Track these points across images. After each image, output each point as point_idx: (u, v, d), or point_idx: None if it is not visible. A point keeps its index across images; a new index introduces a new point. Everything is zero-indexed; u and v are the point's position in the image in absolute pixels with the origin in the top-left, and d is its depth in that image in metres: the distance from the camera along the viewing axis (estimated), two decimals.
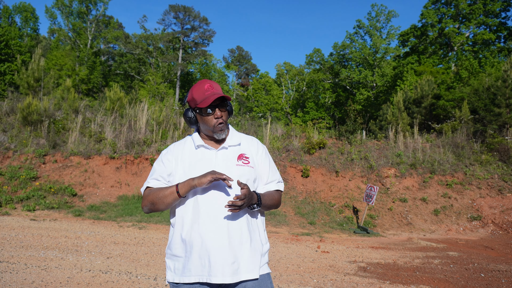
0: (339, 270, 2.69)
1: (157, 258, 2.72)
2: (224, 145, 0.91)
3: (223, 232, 0.83)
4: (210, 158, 0.89)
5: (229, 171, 0.87)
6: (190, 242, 0.83)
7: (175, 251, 0.86)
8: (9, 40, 10.87)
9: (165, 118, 6.40)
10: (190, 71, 18.52)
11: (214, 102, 0.88)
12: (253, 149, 0.94)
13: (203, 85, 0.89)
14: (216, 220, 0.83)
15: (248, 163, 0.90)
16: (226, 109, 0.91)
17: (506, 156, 5.82)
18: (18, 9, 17.45)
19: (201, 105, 0.87)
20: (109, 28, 16.81)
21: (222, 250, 0.82)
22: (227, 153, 0.91)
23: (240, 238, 0.84)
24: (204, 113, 0.89)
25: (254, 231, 0.88)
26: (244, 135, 0.98)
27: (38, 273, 2.20)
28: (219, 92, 0.89)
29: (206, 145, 0.91)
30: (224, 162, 0.89)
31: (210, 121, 0.89)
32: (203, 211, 0.84)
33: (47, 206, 4.53)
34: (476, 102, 7.08)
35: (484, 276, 2.64)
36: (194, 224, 0.84)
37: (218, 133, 0.90)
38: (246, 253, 0.84)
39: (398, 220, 4.96)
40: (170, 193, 0.85)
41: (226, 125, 0.93)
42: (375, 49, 13.59)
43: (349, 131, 7.20)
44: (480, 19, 12.59)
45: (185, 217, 0.86)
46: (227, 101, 0.92)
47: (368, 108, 13.00)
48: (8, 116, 6.29)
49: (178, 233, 0.86)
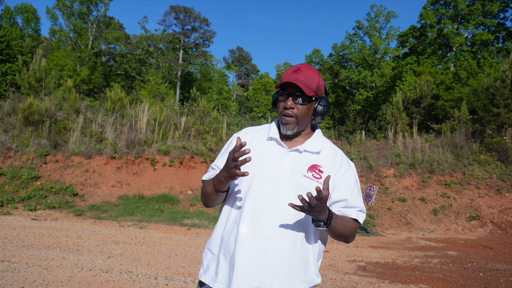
0: (338, 269, 2.70)
1: (158, 258, 2.73)
2: (299, 147, 0.74)
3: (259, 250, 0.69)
4: (277, 156, 0.73)
5: (292, 179, 0.71)
6: (225, 244, 0.72)
7: (213, 248, 0.76)
8: (10, 41, 10.90)
9: (166, 118, 6.39)
10: (191, 72, 18.53)
11: (291, 88, 0.71)
12: (333, 164, 0.75)
13: (295, 67, 0.74)
14: (255, 233, 0.69)
15: (319, 178, 0.73)
16: (305, 104, 0.72)
17: (505, 156, 5.84)
18: (19, 10, 17.51)
19: (276, 86, 0.73)
20: (110, 28, 16.84)
21: (249, 269, 0.68)
22: (299, 157, 0.74)
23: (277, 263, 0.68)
24: (279, 96, 0.74)
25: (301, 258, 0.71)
26: (330, 145, 0.78)
27: (39, 272, 2.20)
28: (303, 81, 0.70)
29: (279, 140, 0.74)
30: (292, 167, 0.73)
31: (280, 107, 0.74)
32: (246, 217, 0.71)
33: (48, 205, 4.55)
34: (475, 103, 7.10)
35: (483, 275, 2.65)
36: (234, 226, 0.72)
37: (282, 126, 0.73)
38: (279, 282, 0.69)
39: (397, 220, 4.98)
40: (211, 190, 0.75)
41: (298, 124, 0.73)
42: (375, 49, 13.60)
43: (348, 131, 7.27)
44: (478, 20, 12.61)
45: (231, 214, 0.74)
46: (320, 97, 0.74)
47: (368, 108, 13.03)
48: (9, 116, 6.31)
49: (220, 229, 0.75)
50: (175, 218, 4.43)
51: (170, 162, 5.64)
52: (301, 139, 0.77)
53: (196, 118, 6.80)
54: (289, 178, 0.72)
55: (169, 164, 5.63)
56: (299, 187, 0.72)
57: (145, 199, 4.98)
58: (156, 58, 17.27)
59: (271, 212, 0.71)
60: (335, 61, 15.42)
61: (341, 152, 0.80)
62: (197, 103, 7.79)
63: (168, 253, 2.88)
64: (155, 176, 5.45)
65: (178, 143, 5.95)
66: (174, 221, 4.36)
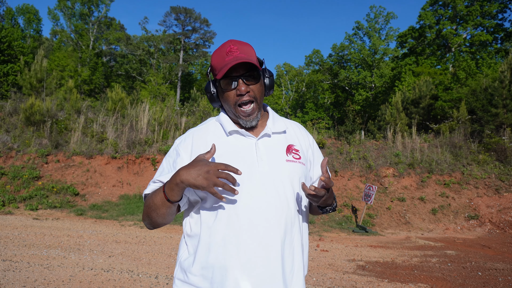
0: (338, 268, 2.71)
1: (158, 257, 2.74)
2: (266, 131, 0.62)
3: (276, 256, 0.57)
4: (249, 149, 0.60)
5: (277, 170, 0.60)
6: (222, 270, 0.55)
7: (195, 281, 0.57)
8: (12, 41, 10.92)
9: (166, 118, 6.43)
10: (191, 72, 18.62)
11: (238, 71, 0.58)
12: (302, 140, 0.66)
13: (226, 47, 0.60)
14: (265, 239, 0.57)
15: (299, 157, 0.63)
16: (256, 82, 0.60)
17: (503, 156, 5.86)
18: (21, 11, 17.58)
19: (219, 75, 0.59)
20: (111, 29, 16.91)
21: (272, 281, 0.55)
22: (271, 142, 0.62)
23: (292, 266, 0.59)
24: (224, 86, 0.60)
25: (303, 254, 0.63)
26: (288, 121, 0.69)
27: (40, 271, 2.21)
28: (245, 57, 0.58)
29: (242, 131, 0.61)
30: (270, 156, 0.61)
31: (230, 97, 0.60)
32: (247, 226, 0.56)
33: (50, 205, 4.57)
34: (473, 103, 7.10)
35: (481, 275, 2.65)
36: (229, 245, 0.56)
37: (244, 119, 0.60)
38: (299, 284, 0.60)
39: (397, 219, 4.99)
40: (161, 201, 0.57)
41: (259, 107, 0.61)
42: (374, 50, 13.61)
43: (348, 131, 7.27)
44: (477, 21, 12.63)
45: (216, 233, 0.57)
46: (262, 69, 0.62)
47: (367, 109, 13.01)
48: (11, 116, 6.33)
49: (202, 254, 0.58)
50: (175, 218, 4.47)
51: None
52: (261, 123, 0.65)
53: (196, 118, 6.85)
54: (272, 169, 0.60)
55: None
56: (286, 175, 0.61)
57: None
58: (156, 58, 17.28)
59: (275, 218, 0.58)
60: (335, 62, 15.42)
61: (297, 123, 0.71)
62: (198, 104, 7.84)
63: (168, 253, 2.89)
64: None
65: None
66: (175, 220, 4.39)
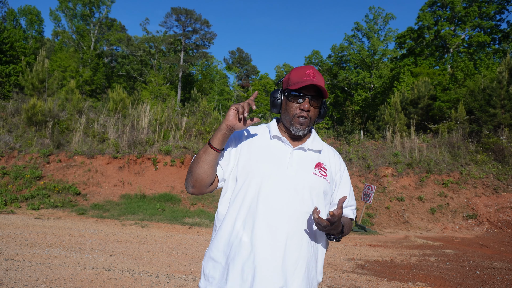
0: (337, 267, 2.72)
1: (159, 256, 2.76)
2: (303, 145, 0.76)
3: (280, 247, 0.67)
4: (284, 154, 0.73)
5: (303, 178, 0.72)
6: (236, 247, 0.67)
7: (215, 255, 0.70)
8: (14, 42, 10.95)
9: (167, 118, 6.45)
10: (192, 73, 18.61)
11: (309, 91, 0.72)
12: (334, 163, 0.78)
13: (306, 69, 0.74)
14: (275, 229, 0.67)
15: (325, 175, 0.74)
16: (317, 107, 0.74)
17: (501, 155, 5.89)
18: (23, 12, 17.60)
19: (293, 87, 0.71)
20: (112, 30, 16.93)
21: (273, 267, 0.66)
22: (304, 155, 0.75)
23: (296, 260, 0.68)
24: (292, 98, 0.73)
25: (313, 258, 0.72)
26: (326, 144, 0.82)
27: (42, 270, 2.21)
28: (320, 84, 0.72)
29: (283, 138, 0.75)
30: (300, 165, 0.73)
31: (293, 108, 0.73)
32: (262, 215, 0.68)
33: (51, 204, 4.59)
34: (471, 103, 7.14)
35: (480, 274, 2.67)
36: (247, 227, 0.68)
37: (295, 127, 0.73)
38: (299, 279, 0.68)
39: (395, 219, 5.01)
40: (204, 149, 0.70)
41: (309, 126, 0.75)
42: (373, 51, 13.65)
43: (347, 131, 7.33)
44: (475, 22, 12.69)
45: (239, 216, 0.69)
46: (323, 100, 0.75)
47: (366, 109, 13.06)
48: (13, 116, 6.35)
49: (225, 233, 0.70)
50: (176, 217, 4.47)
51: (171, 162, 5.68)
52: (302, 138, 0.78)
53: (197, 119, 6.85)
54: (298, 175, 0.72)
55: (171, 164, 5.67)
56: (308, 185, 0.72)
57: (146, 198, 5.02)
58: (157, 59, 17.32)
59: (287, 209, 0.69)
60: (334, 62, 15.50)
61: (336, 151, 0.84)
62: (198, 104, 7.83)
63: (169, 252, 2.91)
64: (157, 175, 5.49)
65: (179, 143, 6.00)
66: (175, 220, 4.40)
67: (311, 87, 0.74)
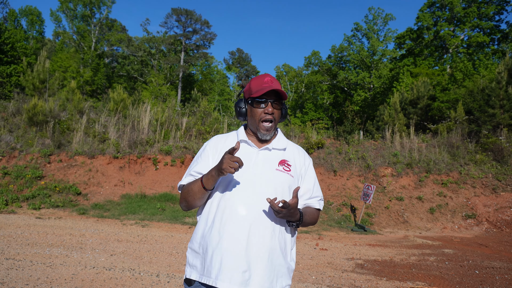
0: (337, 267, 2.74)
1: (160, 255, 2.77)
2: (268, 146, 0.85)
3: (243, 236, 0.76)
4: (250, 155, 0.83)
5: (267, 174, 0.81)
6: (208, 240, 0.79)
7: (195, 247, 0.82)
8: (15, 43, 10.97)
9: (167, 118, 6.46)
10: (192, 73, 18.64)
11: (270, 96, 0.81)
12: (298, 159, 0.87)
13: (264, 77, 0.83)
14: (239, 222, 0.77)
15: (289, 170, 0.83)
16: (279, 109, 0.83)
17: (500, 155, 5.90)
18: (24, 13, 17.61)
19: (255, 94, 0.81)
20: (113, 31, 16.96)
21: (236, 255, 0.75)
22: (269, 155, 0.84)
23: (259, 248, 0.76)
24: (256, 105, 0.82)
25: (279, 245, 0.79)
26: (291, 143, 0.91)
27: (43, 270, 2.23)
28: (279, 89, 0.81)
29: (249, 142, 0.84)
30: (264, 163, 0.82)
31: (258, 113, 0.82)
32: (228, 210, 0.78)
33: (52, 204, 4.61)
34: (470, 103, 7.16)
35: (479, 273, 2.68)
36: (216, 222, 0.79)
37: (262, 132, 0.83)
38: (263, 265, 0.76)
39: (395, 218, 5.03)
40: (198, 189, 0.80)
41: (275, 127, 0.84)
42: (373, 51, 13.66)
43: (346, 132, 7.31)
44: (474, 22, 12.72)
45: (210, 213, 0.81)
46: (283, 102, 0.84)
47: (365, 109, 13.08)
48: (14, 116, 6.36)
49: (201, 228, 0.82)
50: (176, 217, 4.49)
51: (171, 162, 5.69)
52: (269, 140, 0.86)
53: (197, 119, 6.86)
54: (264, 173, 0.82)
55: (171, 164, 5.68)
56: (272, 180, 0.81)
57: (147, 198, 5.04)
58: (158, 59, 17.31)
59: (250, 203, 0.78)
60: (334, 63, 15.53)
61: (300, 147, 0.93)
62: (198, 104, 7.86)
63: (169, 251, 2.92)
64: (157, 175, 5.51)
65: (180, 143, 6.01)
66: (176, 219, 4.41)
67: (271, 92, 0.82)
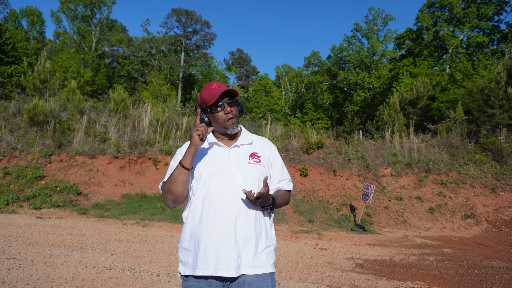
0: (336, 266, 2.74)
1: (160, 255, 2.78)
2: (237, 143, 0.94)
3: (230, 227, 0.85)
4: (222, 155, 0.92)
5: (240, 168, 0.90)
6: (198, 236, 0.86)
7: (185, 245, 0.89)
8: (16, 43, 11.00)
9: (168, 118, 6.49)
10: (192, 73, 18.62)
11: (223, 98, 0.91)
12: (265, 149, 0.97)
13: (211, 85, 0.93)
14: (224, 215, 0.85)
15: (259, 161, 0.93)
16: (235, 105, 0.93)
17: (499, 155, 5.91)
18: (25, 13, 17.65)
19: (210, 102, 0.89)
20: (113, 31, 16.99)
21: (227, 244, 0.84)
22: (239, 151, 0.93)
23: (245, 236, 0.86)
24: (214, 110, 0.91)
25: (261, 229, 0.90)
26: (256, 135, 1.01)
27: (44, 269, 2.23)
28: (227, 88, 0.91)
29: (219, 143, 0.93)
30: (236, 159, 0.91)
31: (220, 117, 0.91)
32: (213, 206, 0.86)
33: (53, 204, 4.62)
34: (470, 104, 7.19)
35: (478, 273, 2.69)
36: (203, 219, 0.87)
37: (230, 128, 0.92)
38: (251, 249, 0.86)
39: (394, 218, 5.04)
40: (179, 171, 0.87)
41: (237, 121, 0.94)
42: (372, 51, 13.69)
43: (346, 132, 7.29)
44: (473, 23, 12.74)
45: (196, 212, 0.88)
46: (236, 99, 0.94)
47: (365, 109, 13.12)
48: (15, 117, 6.38)
49: (189, 227, 0.89)
50: (177, 217, 4.51)
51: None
52: (235, 137, 0.97)
53: None
54: (237, 168, 0.91)
55: None
56: (246, 173, 0.91)
57: (147, 198, 5.06)
58: (158, 60, 17.32)
59: (232, 198, 0.87)
60: (334, 63, 15.55)
61: (265, 138, 1.03)
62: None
63: (170, 251, 2.93)
64: (157, 175, 5.52)
65: (180, 143, 6.04)
66: (176, 219, 4.43)
67: (223, 94, 0.92)
